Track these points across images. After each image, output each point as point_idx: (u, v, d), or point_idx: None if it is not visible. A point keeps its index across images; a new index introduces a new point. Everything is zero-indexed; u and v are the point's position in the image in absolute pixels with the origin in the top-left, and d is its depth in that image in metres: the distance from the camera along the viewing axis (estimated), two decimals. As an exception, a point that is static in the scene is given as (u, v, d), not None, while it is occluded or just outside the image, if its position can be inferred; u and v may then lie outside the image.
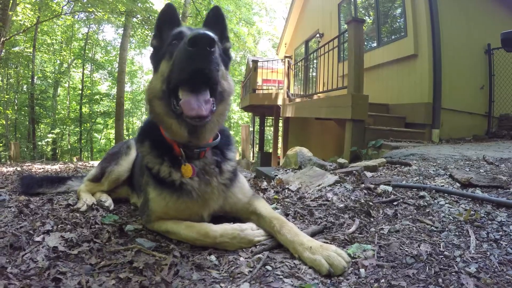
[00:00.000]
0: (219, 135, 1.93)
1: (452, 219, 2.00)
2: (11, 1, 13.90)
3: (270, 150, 23.25)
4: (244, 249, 1.69)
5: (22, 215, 2.18)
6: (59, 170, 6.44)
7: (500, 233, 1.76)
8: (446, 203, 2.28)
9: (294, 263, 1.50)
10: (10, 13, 14.01)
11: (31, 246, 1.63)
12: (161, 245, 1.74)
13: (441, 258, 1.52)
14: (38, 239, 1.72)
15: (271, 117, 20.05)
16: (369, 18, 10.15)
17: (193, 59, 1.51)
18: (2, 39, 13.83)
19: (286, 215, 2.21)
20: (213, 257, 1.59)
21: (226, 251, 1.67)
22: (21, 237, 1.72)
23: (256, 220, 1.89)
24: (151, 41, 1.99)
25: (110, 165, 2.69)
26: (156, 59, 1.87)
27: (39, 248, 1.61)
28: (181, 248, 1.70)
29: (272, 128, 23.48)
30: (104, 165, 2.71)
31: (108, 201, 2.55)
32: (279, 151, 16.73)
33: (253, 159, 19.28)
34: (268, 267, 1.47)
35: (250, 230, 1.77)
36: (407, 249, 1.61)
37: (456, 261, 1.48)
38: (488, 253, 1.55)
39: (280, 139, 17.22)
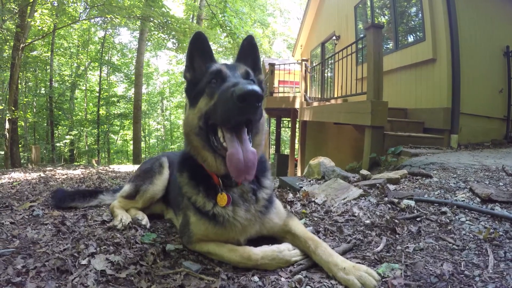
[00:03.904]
0: None
1: (472, 237, 2.13)
2: (29, 7, 14.35)
3: (286, 152, 23.36)
4: (283, 268, 1.81)
5: (60, 233, 2.27)
6: (81, 175, 6.59)
7: (517, 252, 1.87)
8: (467, 220, 2.41)
9: (331, 283, 1.65)
10: (29, 19, 14.46)
11: (79, 270, 1.70)
12: (207, 268, 1.85)
13: (462, 277, 1.65)
14: (84, 262, 1.79)
15: (286, 119, 20.18)
16: (384, 18, 10.14)
17: (241, 112, 1.55)
18: (21, 45, 14.30)
19: (317, 232, 2.37)
20: (256, 278, 1.71)
21: (266, 271, 1.79)
22: (66, 260, 1.79)
23: (291, 239, 2.03)
24: (184, 74, 2.02)
25: (144, 183, 2.75)
26: (192, 94, 1.90)
27: (87, 272, 1.68)
28: (225, 269, 1.81)
29: (287, 129, 23.56)
30: (138, 183, 2.77)
31: (145, 219, 2.60)
32: (296, 154, 16.81)
33: (269, 161, 19.40)
34: (308, 287, 1.63)
35: (287, 251, 1.89)
36: (431, 268, 1.75)
37: (475, 281, 1.61)
38: (505, 273, 1.66)
39: (296, 140, 17.28)
